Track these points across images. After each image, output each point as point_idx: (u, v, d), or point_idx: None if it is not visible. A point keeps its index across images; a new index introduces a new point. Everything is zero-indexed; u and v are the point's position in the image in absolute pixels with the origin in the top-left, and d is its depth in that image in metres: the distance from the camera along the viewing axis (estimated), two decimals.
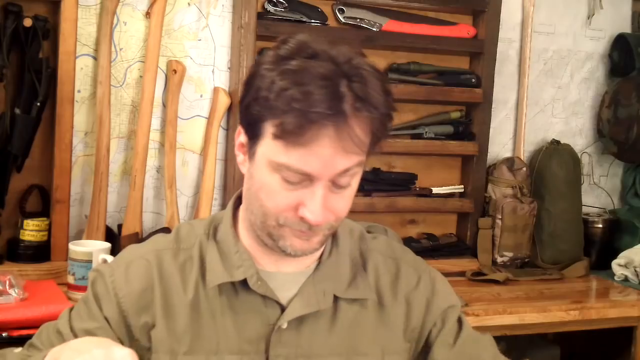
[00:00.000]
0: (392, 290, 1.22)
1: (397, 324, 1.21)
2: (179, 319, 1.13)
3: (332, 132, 1.01)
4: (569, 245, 2.56)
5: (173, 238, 1.19)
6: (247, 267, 1.13)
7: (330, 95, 0.99)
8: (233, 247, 1.15)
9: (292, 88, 1.00)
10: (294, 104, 0.99)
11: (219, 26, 2.26)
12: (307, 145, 1.01)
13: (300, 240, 1.08)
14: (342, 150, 1.02)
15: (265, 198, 1.07)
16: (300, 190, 1.05)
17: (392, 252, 1.26)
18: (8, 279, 1.69)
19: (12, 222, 2.02)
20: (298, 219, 1.06)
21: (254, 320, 1.13)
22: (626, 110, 2.64)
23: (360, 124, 1.02)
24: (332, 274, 1.17)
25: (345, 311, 1.17)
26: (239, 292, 1.14)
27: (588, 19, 2.74)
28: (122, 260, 1.18)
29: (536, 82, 2.69)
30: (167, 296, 1.14)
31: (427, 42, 2.40)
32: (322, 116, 0.99)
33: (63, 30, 1.98)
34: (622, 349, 2.26)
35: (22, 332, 1.56)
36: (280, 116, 1.00)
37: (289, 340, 1.13)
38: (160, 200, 2.24)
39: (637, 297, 2.26)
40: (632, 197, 2.80)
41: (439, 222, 2.55)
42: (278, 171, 1.04)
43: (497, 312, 2.04)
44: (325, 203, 1.05)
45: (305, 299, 1.14)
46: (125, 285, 1.14)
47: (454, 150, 2.47)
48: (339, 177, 1.05)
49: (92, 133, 2.13)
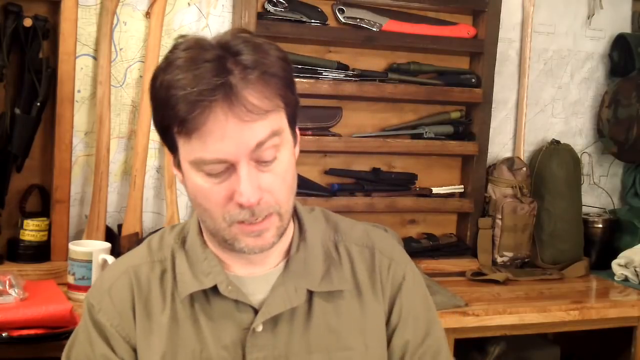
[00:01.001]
0: (370, 280, 1.20)
1: (379, 314, 1.19)
2: (161, 332, 1.12)
3: (224, 106, 1.01)
4: (569, 245, 2.56)
5: (146, 251, 1.19)
6: (216, 273, 1.13)
7: (214, 72, 1.01)
8: (201, 254, 1.15)
9: (179, 79, 1.02)
10: (180, 92, 1.01)
11: (219, 26, 2.26)
12: (206, 126, 1.01)
13: (253, 238, 1.07)
14: (240, 121, 1.02)
15: (203, 201, 1.07)
16: (227, 181, 1.05)
17: (368, 240, 1.24)
18: (8, 279, 1.69)
19: (12, 222, 2.02)
20: (238, 208, 1.05)
21: (228, 326, 1.12)
22: (626, 110, 2.64)
23: (253, 91, 1.02)
24: (302, 269, 1.16)
25: (322, 306, 1.16)
26: (211, 300, 1.13)
27: (588, 19, 2.74)
28: (103, 286, 1.17)
29: (536, 82, 2.69)
30: (148, 310, 1.14)
31: (427, 42, 2.40)
32: (208, 93, 1.00)
33: (63, 30, 1.98)
34: (622, 349, 2.26)
35: (22, 332, 1.56)
36: (176, 111, 1.02)
37: (265, 343, 1.12)
38: (160, 200, 2.24)
39: (637, 297, 2.26)
40: (632, 197, 2.80)
41: (439, 222, 2.55)
42: (199, 169, 1.05)
43: (497, 312, 2.04)
44: (254, 182, 1.04)
45: (276, 298, 1.13)
46: (114, 312, 1.14)
47: (454, 150, 2.47)
48: (257, 152, 1.04)
49: (92, 133, 2.13)
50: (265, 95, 1.03)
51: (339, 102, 2.37)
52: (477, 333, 2.05)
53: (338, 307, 1.17)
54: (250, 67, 1.02)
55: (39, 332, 1.58)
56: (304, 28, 2.25)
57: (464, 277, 2.35)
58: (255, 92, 1.02)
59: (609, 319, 2.16)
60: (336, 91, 2.29)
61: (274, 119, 1.05)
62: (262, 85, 1.03)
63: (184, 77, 1.01)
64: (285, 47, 2.42)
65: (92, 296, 1.17)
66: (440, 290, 2.09)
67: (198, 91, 1.00)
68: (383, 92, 2.34)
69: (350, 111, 2.39)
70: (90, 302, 1.17)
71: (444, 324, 1.93)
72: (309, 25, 2.26)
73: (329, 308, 1.16)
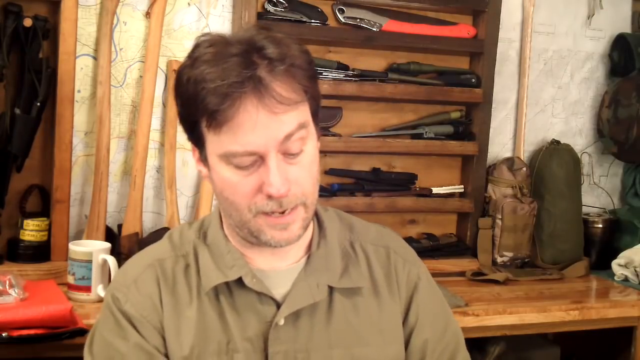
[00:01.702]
0: (386, 279, 1.22)
1: (395, 313, 1.21)
2: (189, 325, 1.13)
3: (253, 98, 1.03)
4: (569, 245, 2.56)
5: (169, 246, 1.20)
6: (240, 266, 1.14)
7: (243, 65, 1.03)
8: (224, 248, 1.16)
9: (207, 73, 1.03)
10: (210, 85, 1.02)
11: (219, 26, 2.26)
12: (236, 118, 1.03)
13: (279, 231, 1.09)
14: (270, 113, 1.04)
15: (230, 193, 1.09)
16: (256, 173, 1.07)
17: (382, 240, 1.27)
18: (8, 279, 1.69)
19: (12, 222, 2.02)
20: (266, 199, 1.07)
21: (251, 318, 1.14)
22: (626, 110, 2.64)
23: (281, 83, 1.05)
24: (323, 266, 1.18)
25: (342, 302, 1.18)
26: (234, 293, 1.14)
27: (588, 19, 2.74)
28: (128, 279, 1.17)
29: (536, 82, 2.69)
30: (176, 302, 1.14)
31: (427, 42, 2.40)
32: (238, 85, 1.02)
33: (63, 30, 1.98)
34: (622, 349, 2.26)
35: (22, 332, 1.56)
36: (205, 104, 1.03)
37: (286, 337, 1.13)
38: (160, 200, 2.24)
39: (637, 297, 2.26)
40: (632, 197, 2.80)
41: (439, 222, 2.55)
42: (228, 162, 1.07)
43: (497, 312, 2.04)
44: (283, 174, 1.06)
45: (299, 293, 1.15)
46: (142, 303, 1.14)
47: (454, 150, 2.47)
48: (286, 144, 1.06)
49: (92, 133, 2.13)
50: (292, 87, 1.06)
51: (339, 102, 2.37)
52: (477, 333, 2.05)
53: (357, 304, 1.19)
54: (277, 59, 1.05)
55: (39, 332, 1.57)
56: (304, 28, 2.25)
57: (464, 277, 2.35)
58: (282, 84, 1.05)
59: (609, 319, 2.16)
60: (336, 91, 2.29)
61: (300, 111, 1.08)
62: (288, 77, 1.06)
63: (213, 71, 1.03)
64: None
65: (117, 289, 1.17)
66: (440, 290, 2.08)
67: (228, 83, 1.02)
68: (383, 92, 2.34)
69: (350, 111, 2.39)
70: (114, 295, 1.16)
71: None
72: (309, 25, 2.26)
73: (349, 304, 1.18)
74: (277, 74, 1.04)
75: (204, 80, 1.04)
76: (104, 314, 1.17)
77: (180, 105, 1.11)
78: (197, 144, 1.12)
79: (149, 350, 1.12)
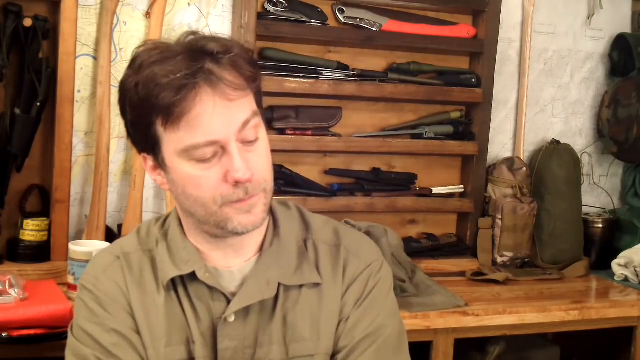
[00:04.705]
0: (333, 278, 1.23)
1: (335, 310, 1.22)
2: (158, 312, 1.16)
3: (207, 88, 1.06)
4: (569, 245, 2.56)
5: (136, 240, 1.23)
6: (194, 261, 1.17)
7: (190, 60, 1.06)
8: (181, 243, 1.19)
9: (158, 71, 1.06)
10: (163, 80, 1.05)
11: (219, 26, 2.26)
12: (194, 110, 1.06)
13: (244, 215, 1.11)
14: (226, 100, 1.07)
15: (194, 189, 1.11)
16: (218, 164, 1.09)
17: (336, 239, 1.27)
18: (8, 279, 1.69)
19: (12, 222, 2.02)
20: (232, 187, 1.09)
21: (204, 313, 1.16)
22: (626, 110, 2.64)
23: (229, 72, 1.08)
24: (275, 263, 1.20)
25: (289, 298, 1.20)
26: (188, 287, 1.17)
27: (588, 19, 2.74)
28: (97, 269, 1.21)
29: (536, 82, 2.69)
30: (143, 291, 1.17)
31: (427, 42, 2.40)
32: (190, 76, 1.04)
33: (63, 30, 1.98)
34: (622, 349, 2.26)
35: (22, 332, 1.56)
36: (160, 100, 1.05)
37: (235, 333, 1.16)
38: (160, 200, 2.24)
39: (637, 297, 2.26)
40: (632, 197, 2.80)
41: (439, 222, 2.55)
42: (189, 157, 1.09)
43: (497, 312, 2.04)
44: (245, 161, 1.09)
45: (249, 289, 1.17)
46: (112, 289, 1.18)
47: (454, 150, 2.47)
48: (243, 133, 1.09)
49: (92, 133, 2.13)
50: (240, 75, 1.09)
51: (339, 102, 2.36)
52: (477, 333, 2.05)
53: (301, 300, 1.20)
54: (220, 52, 1.08)
55: (39, 332, 1.58)
56: (304, 28, 2.25)
57: (464, 277, 2.35)
58: (230, 73, 1.08)
59: (609, 319, 2.16)
60: (336, 91, 2.29)
61: (251, 99, 1.12)
62: (234, 66, 1.09)
63: (163, 68, 1.06)
64: (285, 47, 2.43)
65: (86, 280, 1.21)
66: (440, 290, 2.09)
67: (181, 76, 1.05)
68: (383, 92, 2.34)
69: (350, 111, 2.39)
70: (84, 286, 1.20)
71: (444, 324, 1.96)
72: (309, 25, 2.26)
73: (295, 301, 1.20)
74: (223, 65, 1.08)
75: (156, 78, 1.06)
76: (77, 305, 1.20)
77: (130, 114, 1.13)
78: (152, 150, 1.13)
79: (122, 331, 1.15)
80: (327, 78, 2.28)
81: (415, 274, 2.16)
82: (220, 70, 1.07)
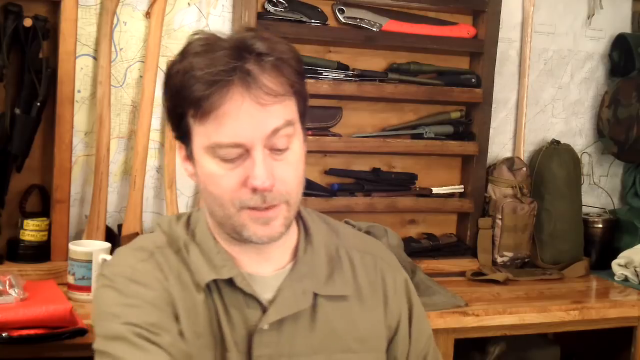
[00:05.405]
0: (370, 287, 1.22)
1: (378, 321, 1.21)
2: (196, 314, 1.12)
3: (240, 87, 1.03)
4: (569, 245, 2.56)
5: (164, 238, 1.18)
6: (230, 266, 1.14)
7: (231, 57, 1.04)
8: (213, 248, 1.15)
9: (196, 63, 1.04)
10: (197, 72, 1.03)
11: (219, 26, 2.26)
12: (223, 107, 1.04)
13: (261, 226, 1.09)
14: (257, 103, 1.04)
15: (215, 187, 1.08)
16: (241, 166, 1.06)
17: (367, 247, 1.27)
18: (8, 279, 1.69)
19: (12, 222, 2.02)
20: (250, 192, 1.06)
21: (238, 320, 1.13)
22: (626, 110, 2.64)
23: (269, 76, 1.05)
24: (309, 272, 1.17)
25: (325, 308, 1.17)
26: (223, 292, 1.14)
27: (588, 19, 2.74)
28: (131, 258, 1.15)
29: (536, 82, 2.69)
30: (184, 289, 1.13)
31: (427, 42, 2.40)
32: (225, 73, 1.03)
33: (63, 30, 1.98)
34: (622, 349, 2.26)
35: (22, 332, 1.56)
36: (191, 92, 1.04)
37: (270, 341, 1.13)
38: (160, 200, 2.24)
39: (637, 297, 2.26)
40: (632, 197, 2.80)
41: (439, 222, 2.55)
42: (213, 154, 1.07)
43: (497, 312, 2.04)
44: (268, 168, 1.06)
45: (285, 300, 1.14)
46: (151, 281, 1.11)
47: (454, 150, 2.47)
48: (272, 139, 1.06)
49: (92, 133, 2.13)
50: (279, 81, 1.06)
51: (339, 102, 2.36)
52: (477, 333, 2.05)
53: (341, 310, 1.18)
54: (265, 53, 1.06)
55: (39, 332, 1.57)
56: (304, 28, 2.25)
57: (464, 277, 2.35)
58: (270, 77, 1.06)
59: (609, 319, 2.16)
60: (336, 91, 2.29)
61: (287, 107, 1.08)
62: (276, 71, 1.06)
63: (201, 60, 1.05)
64: None
65: (119, 271, 1.13)
66: (440, 290, 2.09)
67: (215, 71, 1.03)
68: (383, 92, 2.34)
69: (350, 111, 2.39)
70: (116, 275, 1.13)
71: (444, 324, 1.96)
72: (309, 25, 2.26)
73: (332, 310, 1.18)
74: (264, 67, 1.05)
75: (193, 69, 1.05)
76: (103, 294, 1.12)
77: (168, 99, 1.11)
78: (184, 139, 1.12)
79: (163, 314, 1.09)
80: (327, 78, 2.28)
81: (415, 274, 2.15)
82: (259, 72, 1.05)
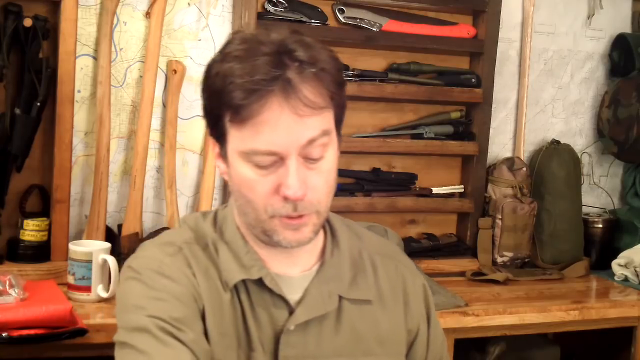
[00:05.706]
0: (392, 291, 1.23)
1: (399, 325, 1.23)
2: (222, 313, 1.12)
3: (280, 97, 1.03)
4: (569, 245, 2.56)
5: (192, 234, 1.18)
6: (259, 267, 1.14)
7: (272, 65, 1.03)
8: (243, 248, 1.16)
9: (236, 68, 1.04)
10: (237, 80, 1.03)
11: (219, 26, 2.26)
12: (261, 115, 1.03)
13: (291, 232, 1.09)
14: (295, 114, 1.04)
15: (248, 191, 1.08)
16: (275, 173, 1.06)
17: (388, 251, 1.29)
18: (8, 279, 1.69)
19: (12, 222, 2.02)
20: (282, 201, 1.06)
21: (265, 320, 1.14)
22: (626, 110, 2.64)
23: (309, 86, 1.05)
24: (335, 274, 1.18)
25: (349, 310, 1.18)
26: (251, 292, 1.14)
27: (588, 19, 2.74)
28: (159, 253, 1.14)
29: (536, 82, 2.69)
30: (211, 287, 1.13)
31: (427, 42, 2.40)
32: (265, 83, 1.02)
33: (63, 30, 1.98)
34: (622, 349, 2.26)
35: (22, 332, 1.56)
36: (230, 98, 1.03)
37: (297, 342, 1.14)
38: (160, 200, 2.24)
39: (637, 297, 2.26)
40: (632, 197, 2.80)
41: (439, 222, 2.55)
42: (248, 160, 1.06)
43: (497, 312, 2.04)
44: (301, 178, 1.06)
45: (312, 301, 1.15)
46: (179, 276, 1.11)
47: (454, 150, 2.47)
48: (307, 149, 1.06)
49: (92, 133, 2.13)
50: (319, 92, 1.06)
51: None
52: (477, 333, 2.05)
53: (363, 313, 1.19)
54: (307, 62, 1.05)
55: (39, 332, 1.57)
56: (304, 28, 2.24)
57: (464, 277, 2.35)
58: (310, 87, 1.05)
59: (609, 319, 2.16)
60: None
61: (325, 117, 1.08)
62: (316, 81, 1.06)
63: (242, 67, 1.04)
64: None
65: (147, 264, 1.12)
66: (440, 290, 2.09)
67: (256, 80, 1.02)
68: (383, 92, 2.34)
69: (350, 111, 2.34)
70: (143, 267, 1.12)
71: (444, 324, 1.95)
72: (309, 25, 2.26)
73: (357, 313, 1.19)
74: (305, 77, 1.04)
75: (232, 75, 1.04)
76: (129, 286, 1.11)
77: (206, 99, 1.11)
78: (219, 139, 1.11)
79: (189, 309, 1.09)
80: None
81: None
82: (300, 82, 1.04)
